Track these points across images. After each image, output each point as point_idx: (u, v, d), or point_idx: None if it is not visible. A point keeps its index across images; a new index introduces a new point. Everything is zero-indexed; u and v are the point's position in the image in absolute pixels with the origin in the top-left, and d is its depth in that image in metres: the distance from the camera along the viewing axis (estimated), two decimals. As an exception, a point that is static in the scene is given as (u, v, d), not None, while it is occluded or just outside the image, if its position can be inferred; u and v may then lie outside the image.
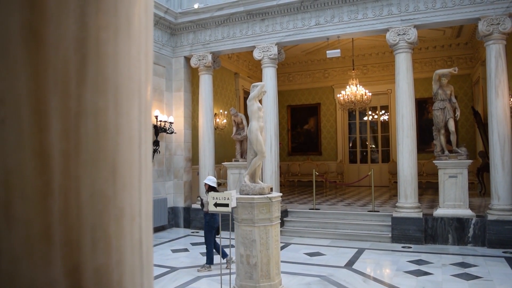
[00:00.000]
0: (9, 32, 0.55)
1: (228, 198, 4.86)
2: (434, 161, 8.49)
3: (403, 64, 8.34)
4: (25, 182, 0.56)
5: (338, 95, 13.20)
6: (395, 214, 8.28)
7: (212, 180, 6.73)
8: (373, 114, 15.81)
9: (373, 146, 16.06)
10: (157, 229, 9.90)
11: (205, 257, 7.27)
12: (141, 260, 0.69)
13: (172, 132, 10.24)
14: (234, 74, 14.18)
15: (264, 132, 5.43)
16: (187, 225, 10.45)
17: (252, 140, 5.33)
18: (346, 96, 12.35)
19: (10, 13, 0.55)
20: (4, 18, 0.55)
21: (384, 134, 15.71)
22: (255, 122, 5.37)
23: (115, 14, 0.64)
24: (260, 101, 9.68)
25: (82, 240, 0.59)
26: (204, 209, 6.67)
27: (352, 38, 11.34)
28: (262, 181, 9.56)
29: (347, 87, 12.48)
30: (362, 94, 12.15)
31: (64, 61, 0.58)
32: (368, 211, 9.24)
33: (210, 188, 6.60)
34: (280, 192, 11.51)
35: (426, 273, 6.12)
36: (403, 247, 7.81)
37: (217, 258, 6.58)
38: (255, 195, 5.12)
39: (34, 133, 0.56)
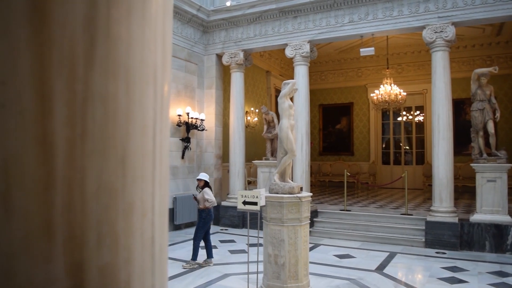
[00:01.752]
0: (11, 8, 0.51)
1: (257, 197, 4.81)
2: (471, 164, 8.17)
3: (440, 63, 8.05)
4: (25, 171, 0.52)
5: (371, 95, 12.94)
6: (429, 218, 8.01)
7: (207, 176, 6.90)
8: (408, 114, 15.41)
9: (407, 147, 15.66)
10: (187, 225, 9.96)
11: (233, 255, 7.27)
12: (153, 260, 0.64)
13: (203, 129, 10.28)
14: (265, 72, 14.13)
15: (294, 131, 5.34)
16: (217, 222, 10.46)
17: (283, 139, 5.26)
18: (380, 96, 12.08)
19: (12, -12, 0.51)
20: (6, -7, 0.51)
21: (419, 136, 15.29)
22: (286, 120, 5.30)
23: (128, -9, 0.59)
24: (292, 100, 9.61)
25: (87, 236, 0.55)
26: (200, 206, 6.67)
27: (387, 36, 11.09)
28: (292, 180, 9.50)
29: (381, 86, 12.20)
30: (397, 94, 11.85)
31: (71, 40, 0.53)
32: (401, 214, 8.99)
33: (206, 184, 6.76)
34: (311, 192, 11.41)
35: (460, 281, 5.89)
36: (437, 252, 7.55)
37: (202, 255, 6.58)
38: (285, 194, 5.06)
39: (36, 118, 0.52)
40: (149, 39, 0.62)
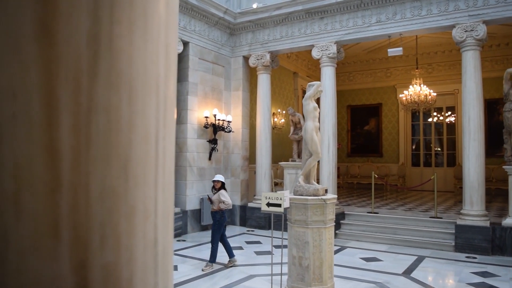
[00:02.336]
0: (22, 27, 0.56)
1: (280, 198, 4.82)
2: (504, 167, 7.93)
3: (471, 62, 7.86)
4: (34, 176, 0.56)
5: (400, 95, 12.73)
6: (459, 222, 7.83)
7: (223, 178, 6.88)
8: (438, 115, 15.09)
9: (438, 149, 15.32)
10: (213, 226, 10.05)
11: (258, 256, 7.31)
12: (155, 260, 0.68)
13: (230, 131, 10.37)
14: (292, 74, 14.12)
15: (319, 133, 5.33)
16: (243, 223, 10.54)
17: (307, 140, 5.26)
18: (409, 96, 11.88)
19: (22, 8, 0.56)
20: (16, 13, 0.56)
21: (450, 137, 14.94)
22: (311, 122, 5.29)
23: (130, 9, 0.63)
24: (318, 101, 9.57)
25: (90, 237, 0.59)
26: (214, 207, 6.63)
27: (416, 36, 10.90)
28: (318, 182, 9.46)
29: (410, 87, 11.99)
30: (426, 94, 11.63)
31: (75, 56, 0.58)
32: (430, 217, 8.81)
33: (222, 186, 6.75)
34: (338, 194, 11.33)
35: (491, 287, 5.73)
36: (467, 257, 7.36)
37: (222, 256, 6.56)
38: (309, 196, 5.05)
39: (44, 128, 0.56)
40: (152, 52, 0.66)
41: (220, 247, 6.72)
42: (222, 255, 7.38)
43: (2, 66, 0.56)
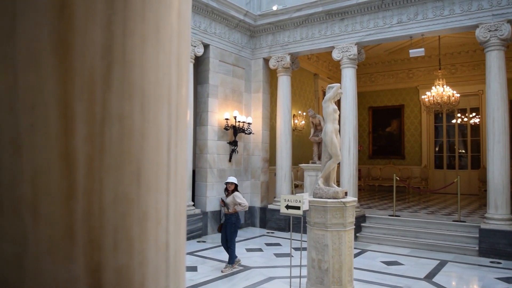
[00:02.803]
0: (40, 41, 0.59)
1: (299, 201, 4.82)
2: (530, 169, 7.74)
3: (495, 62, 7.69)
4: (51, 183, 0.59)
5: (423, 97, 12.54)
6: (483, 226, 7.66)
7: (236, 179, 6.83)
8: (462, 116, 14.80)
9: (463, 151, 15.02)
10: (233, 228, 10.10)
11: (278, 258, 7.31)
12: (167, 263, 0.70)
13: (250, 133, 10.40)
14: (313, 75, 14.08)
15: (339, 135, 5.31)
16: (263, 225, 10.55)
17: (327, 143, 5.24)
18: (432, 98, 11.70)
19: (40, 23, 0.59)
20: (35, 28, 0.59)
21: (474, 139, 14.64)
22: (330, 124, 5.28)
23: (142, 22, 0.65)
24: (338, 103, 9.52)
25: (104, 241, 0.61)
26: (229, 210, 6.52)
27: (439, 36, 10.73)
28: (339, 185, 9.40)
29: (433, 88, 11.81)
30: (449, 95, 11.43)
31: (90, 68, 0.60)
32: (453, 221, 8.66)
33: (235, 188, 6.68)
34: (359, 196, 11.22)
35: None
36: (491, 262, 7.20)
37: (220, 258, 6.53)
38: (329, 198, 5.03)
39: (60, 137, 0.59)
40: (164, 63, 0.69)
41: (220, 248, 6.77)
42: (241, 257, 7.42)
43: (22, 78, 0.59)
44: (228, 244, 6.59)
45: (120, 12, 0.63)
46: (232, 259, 6.58)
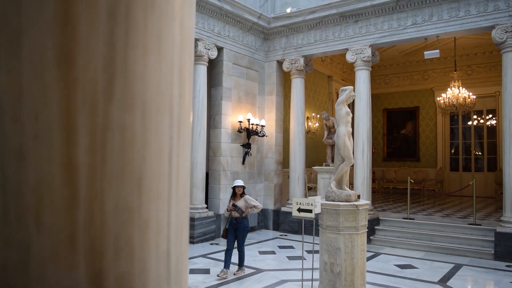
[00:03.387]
0: (44, 55, 0.60)
1: (311, 204, 4.81)
2: (548, 173, 7.58)
3: (511, 64, 7.58)
4: (53, 192, 0.61)
5: (438, 98, 12.41)
6: (499, 229, 7.54)
7: (243, 182, 6.64)
8: (479, 118, 14.59)
9: (479, 153, 14.80)
10: (246, 230, 10.11)
11: (291, 261, 7.30)
12: (168, 270, 0.71)
13: (263, 135, 10.41)
14: (327, 77, 14.03)
15: (351, 138, 5.28)
16: (276, 227, 10.54)
17: (340, 146, 5.22)
18: (447, 100, 11.56)
19: (45, 38, 0.60)
20: (40, 43, 0.60)
21: (490, 140, 14.42)
22: (343, 127, 5.25)
23: (144, 34, 0.66)
24: (352, 105, 9.46)
25: (105, 248, 0.63)
26: (243, 214, 6.36)
27: (454, 37, 10.60)
28: (353, 187, 9.34)
29: (448, 89, 11.67)
30: (465, 97, 11.28)
31: (92, 80, 0.62)
32: (468, 224, 8.54)
33: (244, 191, 6.53)
34: (373, 199, 11.14)
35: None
36: (507, 266, 7.08)
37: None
38: (341, 202, 5.01)
39: (63, 147, 0.61)
40: (166, 73, 0.70)
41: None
42: (254, 259, 7.43)
43: (27, 90, 0.61)
44: (240, 248, 6.48)
45: (122, 24, 0.64)
46: (243, 262, 6.53)
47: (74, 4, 0.61)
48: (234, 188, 6.60)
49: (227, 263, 6.34)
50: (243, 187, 6.56)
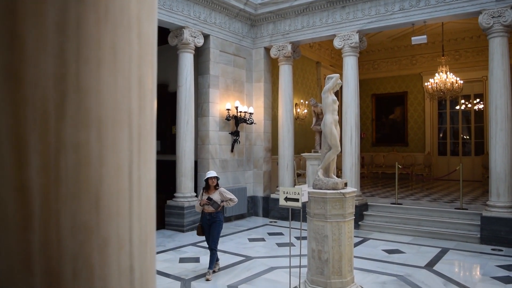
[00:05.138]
0: (-10, 73, 0.58)
1: (298, 193, 4.82)
2: (533, 156, 7.68)
3: (498, 49, 7.60)
4: (6, 215, 0.59)
5: (426, 84, 12.45)
6: (485, 213, 7.65)
7: (216, 173, 6.09)
8: (466, 103, 14.69)
9: (467, 137, 14.93)
10: (236, 217, 10.16)
11: (280, 248, 7.34)
12: (132, 286, 0.71)
13: (252, 123, 10.38)
14: (315, 63, 13.99)
15: (338, 126, 5.28)
16: (266, 214, 10.59)
17: (326, 134, 5.22)
18: (435, 85, 11.61)
19: (-10, 55, 0.58)
20: (-15, 60, 0.58)
21: (478, 125, 14.55)
22: (330, 115, 5.25)
23: (98, 47, 0.64)
24: (340, 92, 9.46)
25: (63, 270, 0.61)
26: (216, 208, 5.86)
27: (442, 22, 10.59)
28: (341, 173, 9.40)
29: (436, 75, 11.71)
30: (453, 82, 11.33)
31: (42, 98, 0.60)
32: (455, 209, 8.65)
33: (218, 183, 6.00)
34: (362, 184, 11.22)
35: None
36: (492, 249, 7.21)
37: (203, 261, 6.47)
38: (328, 190, 5.03)
39: (14, 169, 0.59)
40: (123, 86, 0.68)
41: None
42: (244, 247, 7.47)
43: (-26, 110, 0.59)
44: (214, 245, 5.86)
45: (73, 39, 0.62)
46: (214, 261, 5.91)
47: (20, 21, 0.58)
48: (207, 180, 5.99)
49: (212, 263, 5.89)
50: (217, 179, 6.01)
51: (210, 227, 5.90)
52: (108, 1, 0.65)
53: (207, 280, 5.69)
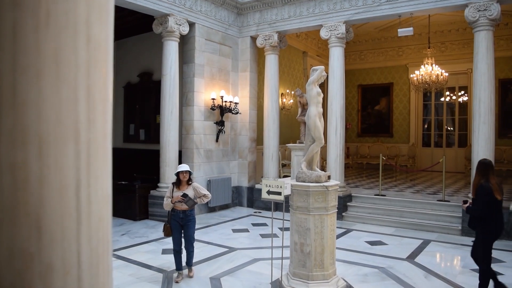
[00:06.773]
0: None
1: (281, 187, 4.80)
2: (515, 150, 7.77)
3: (483, 43, 7.62)
4: None
5: (411, 76, 12.48)
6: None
7: (189, 167, 5.54)
8: (451, 94, 14.79)
9: (451, 128, 15.07)
10: (221, 208, 10.13)
11: (264, 239, 7.34)
12: (80, 312, 0.66)
13: (237, 113, 10.30)
14: (302, 53, 13.91)
15: (322, 119, 5.25)
16: (250, 204, 10.59)
17: (310, 126, 5.18)
18: (420, 77, 11.65)
19: None
20: None
21: (462, 117, 14.68)
22: (314, 108, 5.21)
23: (37, 55, 0.58)
24: (326, 82, 9.42)
25: (-3, 302, 0.56)
26: (192, 205, 5.36)
27: (428, 14, 10.59)
28: (324, 165, 9.40)
29: (422, 67, 11.74)
30: (438, 75, 11.38)
31: (-28, 114, 0.54)
32: (437, 200, 8.74)
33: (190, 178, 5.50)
34: (347, 174, 11.24)
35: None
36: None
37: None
38: (311, 183, 5.01)
39: None
40: (67, 98, 0.62)
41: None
42: (228, 238, 7.45)
43: None
44: (191, 246, 5.44)
45: (8, 47, 0.56)
46: (192, 259, 5.54)
47: None
48: (177, 174, 5.43)
49: (180, 264, 5.39)
50: (190, 173, 5.46)
51: (183, 226, 5.38)
52: (50, 5, 0.59)
53: (176, 282, 5.27)
